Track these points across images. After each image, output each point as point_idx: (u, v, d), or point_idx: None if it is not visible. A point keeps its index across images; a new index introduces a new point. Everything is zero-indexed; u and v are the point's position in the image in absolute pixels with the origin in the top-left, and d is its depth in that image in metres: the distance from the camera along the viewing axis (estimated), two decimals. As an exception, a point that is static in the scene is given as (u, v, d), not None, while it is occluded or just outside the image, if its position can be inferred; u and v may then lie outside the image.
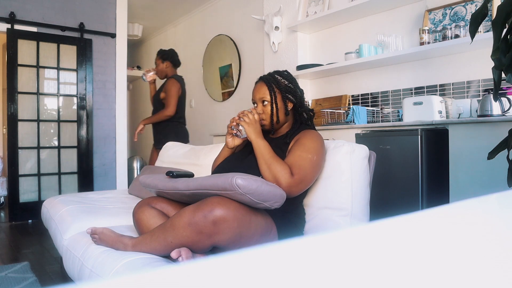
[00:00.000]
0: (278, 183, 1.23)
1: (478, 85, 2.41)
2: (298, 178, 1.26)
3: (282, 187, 1.22)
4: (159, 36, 6.09)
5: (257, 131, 1.37)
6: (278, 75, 1.49)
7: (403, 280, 0.22)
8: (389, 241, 0.30)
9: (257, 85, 1.50)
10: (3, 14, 3.64)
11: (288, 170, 1.26)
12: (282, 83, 1.47)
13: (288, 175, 1.25)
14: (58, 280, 2.08)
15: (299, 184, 1.26)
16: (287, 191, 1.23)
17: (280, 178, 1.24)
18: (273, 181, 1.24)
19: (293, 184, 1.24)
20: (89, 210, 1.83)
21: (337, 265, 0.24)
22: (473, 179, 1.91)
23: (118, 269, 1.10)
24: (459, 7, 2.50)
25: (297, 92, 1.48)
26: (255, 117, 1.39)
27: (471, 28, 1.40)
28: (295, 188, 1.26)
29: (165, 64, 3.58)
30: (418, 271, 0.23)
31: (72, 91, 4.01)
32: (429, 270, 0.23)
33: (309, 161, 1.30)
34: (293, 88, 1.47)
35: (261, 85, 1.48)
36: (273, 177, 1.25)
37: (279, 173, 1.25)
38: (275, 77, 1.48)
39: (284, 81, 1.47)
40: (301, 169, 1.27)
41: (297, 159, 1.30)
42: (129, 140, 5.80)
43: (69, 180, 3.98)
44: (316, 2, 3.27)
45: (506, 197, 0.46)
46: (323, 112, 2.94)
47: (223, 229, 1.05)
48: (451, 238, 0.31)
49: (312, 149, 1.33)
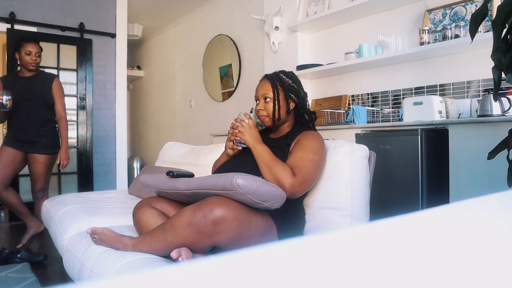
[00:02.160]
0: (281, 184, 1.23)
1: (478, 85, 2.41)
2: (301, 178, 1.26)
3: (285, 189, 1.22)
4: (159, 36, 6.09)
5: (254, 136, 1.37)
6: (283, 74, 1.50)
7: (403, 280, 0.22)
8: (389, 241, 0.30)
9: (261, 82, 1.52)
10: (3, 14, 3.64)
11: (289, 171, 1.26)
12: (286, 82, 1.48)
13: (290, 175, 1.25)
14: (58, 280, 2.08)
15: (301, 184, 1.26)
16: (291, 191, 1.23)
17: (282, 179, 1.24)
18: (275, 183, 1.24)
19: (295, 185, 1.24)
20: (89, 210, 1.83)
21: (337, 265, 0.24)
22: (473, 179, 1.91)
23: (118, 269, 1.10)
24: (459, 7, 2.50)
25: (300, 93, 1.49)
26: (249, 123, 1.39)
27: (471, 28, 1.40)
28: (298, 188, 1.26)
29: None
30: (418, 271, 0.23)
31: (72, 91, 4.01)
32: (429, 270, 0.23)
33: (310, 161, 1.30)
34: (297, 88, 1.49)
35: (265, 82, 1.49)
36: (275, 180, 1.25)
37: (281, 174, 1.25)
38: (280, 75, 1.49)
39: (288, 81, 1.49)
40: (302, 169, 1.27)
41: (299, 159, 1.30)
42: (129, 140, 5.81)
43: (69, 180, 3.98)
44: (316, 2, 3.27)
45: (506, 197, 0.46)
46: (323, 112, 2.94)
47: (223, 229, 1.05)
48: (451, 238, 0.31)
49: (313, 150, 1.33)
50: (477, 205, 0.42)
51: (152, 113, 6.40)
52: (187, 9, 5.08)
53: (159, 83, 6.14)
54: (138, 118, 6.87)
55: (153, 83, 6.37)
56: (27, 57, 2.60)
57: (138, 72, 6.65)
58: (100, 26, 4.17)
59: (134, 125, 6.94)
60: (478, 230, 0.33)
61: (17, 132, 2.60)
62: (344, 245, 0.28)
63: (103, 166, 4.19)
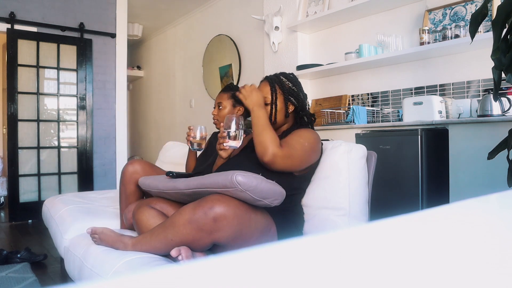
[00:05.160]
0: (265, 148, 1.25)
1: (478, 85, 2.41)
2: (285, 152, 1.28)
3: (267, 153, 1.25)
4: (159, 36, 6.09)
5: (254, 100, 1.39)
6: (284, 76, 1.50)
7: (403, 280, 0.22)
8: (389, 241, 0.30)
9: (261, 84, 1.52)
10: (3, 14, 3.64)
11: (278, 141, 1.29)
12: (286, 85, 1.48)
13: (277, 145, 1.27)
14: (58, 280, 2.08)
15: (283, 157, 1.27)
16: (271, 159, 1.25)
17: (268, 145, 1.26)
18: (261, 146, 1.26)
19: (278, 155, 1.26)
20: (89, 210, 1.83)
21: (337, 265, 0.24)
22: (473, 179, 1.91)
23: (118, 268, 1.10)
24: (459, 7, 2.50)
25: (300, 96, 1.49)
26: (251, 86, 1.42)
27: (471, 28, 1.40)
28: (279, 159, 1.26)
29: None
30: (418, 271, 0.23)
31: (72, 91, 4.01)
32: (429, 270, 0.23)
33: (299, 143, 1.32)
34: (296, 91, 1.49)
35: (265, 84, 1.50)
36: (261, 143, 1.27)
37: (268, 140, 1.27)
38: (280, 78, 1.49)
39: (289, 83, 1.49)
40: (290, 147, 1.30)
41: (288, 139, 1.33)
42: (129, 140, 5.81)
43: (69, 180, 3.98)
44: (316, 2, 3.27)
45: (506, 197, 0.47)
46: (323, 112, 2.94)
47: (223, 226, 1.05)
48: (451, 238, 0.31)
49: (305, 137, 1.35)
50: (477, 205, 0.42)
51: (152, 113, 6.40)
52: (187, 9, 5.08)
53: (159, 83, 6.14)
54: (138, 118, 6.87)
55: (153, 83, 6.36)
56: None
57: (138, 72, 6.64)
58: (100, 26, 4.17)
59: (134, 125, 6.94)
60: (478, 230, 0.33)
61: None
62: (344, 245, 0.28)
63: (103, 166, 4.19)
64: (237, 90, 1.79)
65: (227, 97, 1.87)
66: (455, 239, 0.30)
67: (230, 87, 1.91)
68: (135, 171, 1.67)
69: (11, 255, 2.35)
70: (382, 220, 0.34)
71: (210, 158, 1.81)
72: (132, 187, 1.65)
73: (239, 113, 1.84)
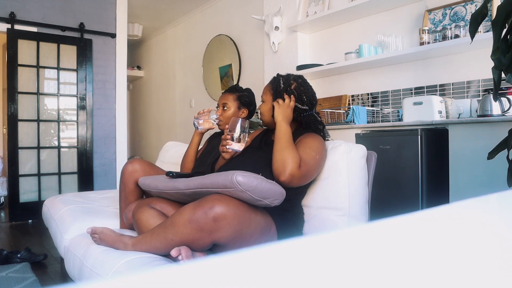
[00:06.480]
0: (284, 167, 1.23)
1: (478, 85, 2.41)
2: (304, 171, 1.27)
3: (285, 173, 1.23)
4: (159, 36, 6.09)
5: (285, 115, 1.38)
6: (293, 80, 1.48)
7: (403, 280, 0.22)
8: (389, 241, 0.30)
9: (268, 85, 1.52)
10: (3, 14, 3.64)
11: (298, 161, 1.26)
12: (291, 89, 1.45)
13: (297, 165, 1.25)
14: (58, 280, 2.08)
15: (300, 178, 1.27)
16: (288, 179, 1.23)
17: (288, 165, 1.24)
18: (280, 164, 1.24)
19: (296, 176, 1.25)
20: (89, 210, 1.83)
21: (337, 265, 0.24)
22: (473, 179, 1.91)
23: (118, 268, 1.10)
24: (459, 7, 2.50)
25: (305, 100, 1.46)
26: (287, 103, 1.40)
27: (471, 28, 1.40)
28: (296, 180, 1.26)
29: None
30: (418, 271, 0.24)
31: (72, 91, 4.01)
32: (429, 270, 0.23)
33: (313, 158, 1.31)
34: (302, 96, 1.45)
35: (270, 86, 1.50)
36: (281, 161, 1.25)
37: (289, 160, 1.25)
38: (290, 82, 1.46)
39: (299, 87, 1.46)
40: (307, 165, 1.28)
41: (303, 154, 1.30)
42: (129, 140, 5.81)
43: (69, 180, 3.98)
44: (316, 2, 3.27)
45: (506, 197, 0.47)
46: (323, 112, 2.94)
47: (223, 226, 1.05)
48: (451, 238, 0.31)
49: (316, 148, 1.34)
50: (477, 205, 0.42)
51: (152, 113, 6.40)
52: (187, 9, 5.08)
53: (159, 83, 6.14)
54: (138, 118, 6.87)
55: (153, 83, 6.36)
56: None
57: (138, 72, 6.65)
58: (100, 26, 4.17)
59: (134, 125, 6.94)
60: (478, 230, 0.33)
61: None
62: (343, 245, 0.28)
63: (103, 166, 4.18)
64: (243, 92, 1.82)
65: (233, 99, 1.86)
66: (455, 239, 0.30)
67: (236, 88, 1.90)
68: (135, 170, 1.67)
69: (11, 255, 2.35)
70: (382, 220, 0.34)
71: (209, 158, 1.81)
72: (131, 186, 1.65)
73: (243, 116, 1.84)
